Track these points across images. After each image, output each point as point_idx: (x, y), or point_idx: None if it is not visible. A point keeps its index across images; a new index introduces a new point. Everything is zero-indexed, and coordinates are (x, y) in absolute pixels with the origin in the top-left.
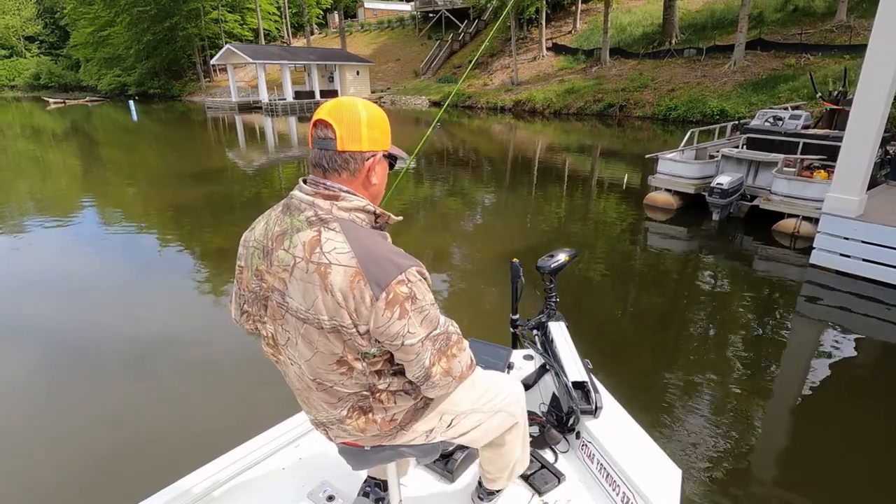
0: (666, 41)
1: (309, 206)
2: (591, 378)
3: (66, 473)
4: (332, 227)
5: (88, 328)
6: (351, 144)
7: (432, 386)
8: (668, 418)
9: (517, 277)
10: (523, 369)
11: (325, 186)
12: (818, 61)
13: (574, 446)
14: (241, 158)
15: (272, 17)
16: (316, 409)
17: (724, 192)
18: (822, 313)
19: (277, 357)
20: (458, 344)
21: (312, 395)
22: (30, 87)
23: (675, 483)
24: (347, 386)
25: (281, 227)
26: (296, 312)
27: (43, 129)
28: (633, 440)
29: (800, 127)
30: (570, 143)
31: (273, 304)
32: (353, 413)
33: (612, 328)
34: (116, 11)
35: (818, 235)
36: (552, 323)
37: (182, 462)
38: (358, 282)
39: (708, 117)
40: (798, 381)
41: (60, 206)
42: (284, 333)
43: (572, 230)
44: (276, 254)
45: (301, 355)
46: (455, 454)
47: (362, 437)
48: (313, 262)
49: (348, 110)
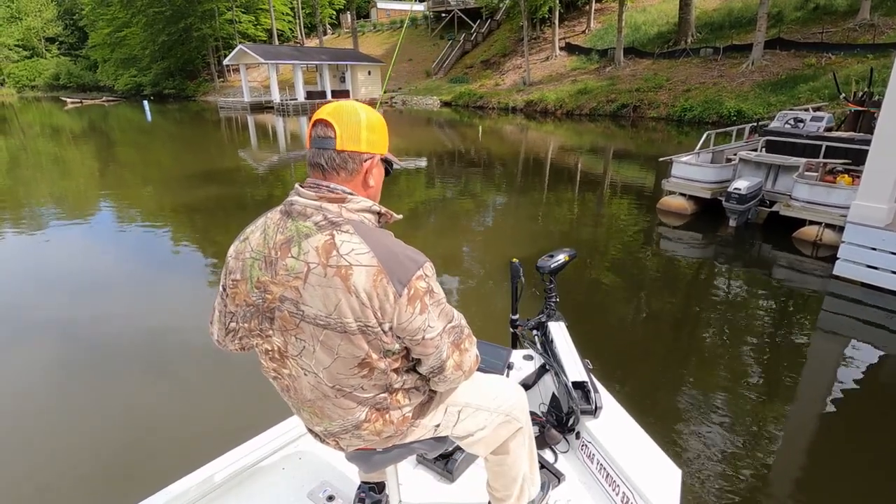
0: (682, 40)
1: (316, 210)
2: (591, 378)
3: (76, 467)
4: (344, 229)
5: (100, 323)
6: (350, 144)
7: (443, 380)
8: (678, 425)
9: (517, 277)
10: (523, 369)
11: (329, 189)
12: (840, 61)
13: (574, 446)
14: (252, 158)
15: (286, 17)
16: (329, 419)
17: (742, 198)
18: (846, 328)
19: (281, 371)
20: (468, 338)
21: (328, 403)
22: (49, 87)
23: (675, 483)
24: (366, 389)
25: (284, 235)
26: (314, 319)
27: (61, 129)
28: (632, 440)
29: (822, 129)
30: (583, 145)
31: (284, 315)
32: (371, 415)
33: (621, 335)
34: (133, 12)
35: (843, 246)
36: (552, 323)
37: (197, 454)
38: (381, 280)
39: (724, 118)
40: (816, 396)
41: (78, 203)
42: (298, 343)
43: (582, 235)
44: (282, 262)
45: (319, 363)
46: (455, 454)
47: (377, 440)
48: (331, 265)
49: (348, 112)
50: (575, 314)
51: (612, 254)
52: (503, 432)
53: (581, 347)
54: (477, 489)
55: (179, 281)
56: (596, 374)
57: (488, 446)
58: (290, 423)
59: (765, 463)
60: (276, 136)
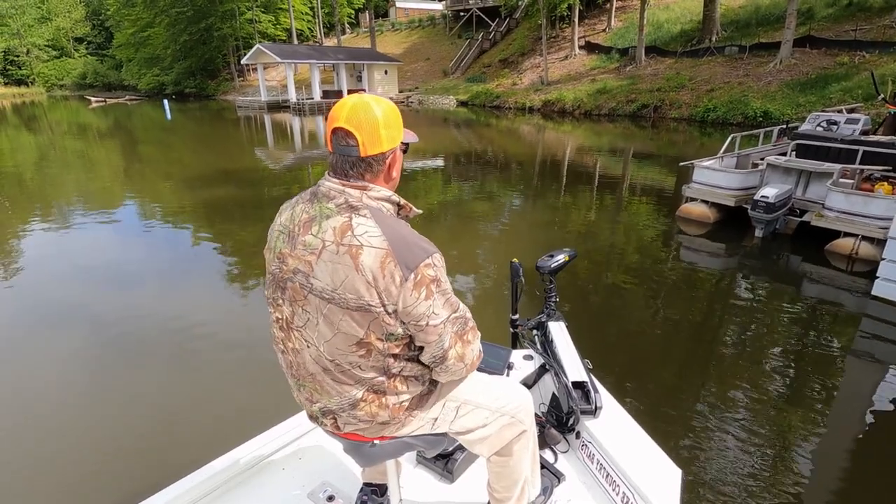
0: (706, 38)
1: (339, 193)
2: (591, 378)
3: (89, 459)
4: (362, 213)
5: (122, 315)
6: (373, 149)
7: (445, 370)
8: (681, 428)
9: (517, 277)
10: (523, 369)
11: (352, 180)
12: (875, 59)
13: (574, 446)
14: (269, 157)
15: (305, 17)
16: (328, 395)
17: (770, 206)
18: (885, 354)
19: (286, 344)
20: (472, 330)
21: (327, 378)
22: (76, 87)
23: (676, 483)
24: (364, 369)
25: (309, 214)
26: (320, 293)
27: (87, 126)
28: (633, 440)
29: (858, 132)
30: (601, 146)
31: (294, 286)
32: (367, 395)
33: (630, 341)
34: (156, 13)
35: (883, 263)
36: (552, 323)
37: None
38: (388, 262)
39: (750, 119)
40: (843, 418)
41: (104, 200)
42: (304, 315)
43: (596, 241)
44: (302, 238)
45: (321, 336)
46: (455, 454)
47: (371, 425)
48: (344, 244)
49: (366, 115)
50: (587, 319)
51: (627, 262)
52: (507, 434)
53: (585, 348)
54: (477, 489)
55: (200, 275)
56: (597, 374)
57: (492, 447)
58: (290, 423)
59: (774, 470)
60: (293, 135)
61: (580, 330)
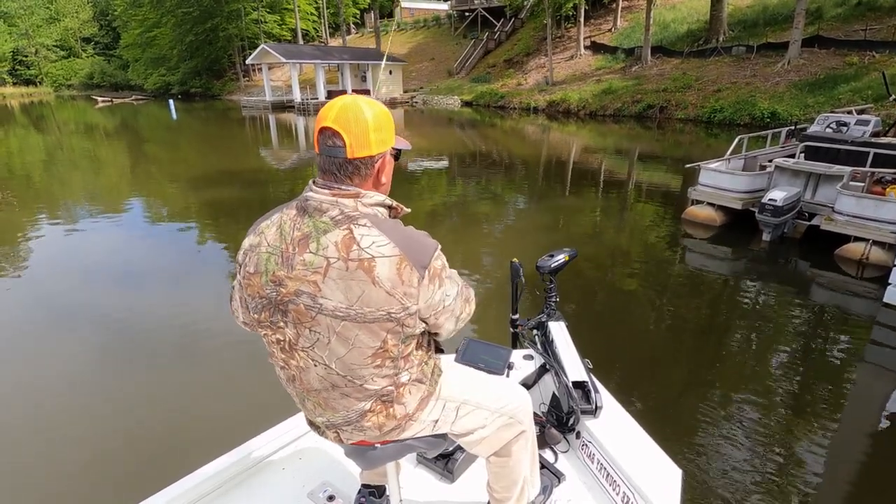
0: (713, 38)
1: (332, 205)
2: (591, 378)
3: (93, 456)
4: (361, 223)
5: (128, 313)
6: (360, 151)
7: (455, 332)
8: (682, 428)
9: (517, 277)
10: (523, 369)
11: (342, 189)
12: (885, 59)
13: (574, 446)
14: (273, 157)
15: (310, 17)
16: (333, 410)
17: (778, 210)
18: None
19: (289, 362)
20: (468, 289)
21: (335, 394)
22: (84, 86)
23: (676, 483)
24: (376, 381)
25: (302, 231)
26: (332, 312)
27: (94, 126)
28: (633, 440)
29: (868, 134)
30: (606, 146)
31: (299, 308)
32: (375, 405)
33: (633, 342)
34: (162, 13)
35: (895, 270)
36: (552, 323)
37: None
38: (404, 267)
39: (757, 120)
40: (851, 426)
41: (110, 199)
42: (312, 335)
43: (600, 244)
44: (300, 257)
45: (332, 354)
46: (455, 454)
47: (377, 434)
48: (353, 259)
49: (355, 116)
50: (589, 320)
51: (630, 264)
52: (506, 434)
53: (585, 348)
54: (477, 489)
55: (204, 275)
56: (597, 374)
57: (491, 448)
58: (290, 422)
59: (775, 473)
60: (297, 135)
61: (581, 330)
